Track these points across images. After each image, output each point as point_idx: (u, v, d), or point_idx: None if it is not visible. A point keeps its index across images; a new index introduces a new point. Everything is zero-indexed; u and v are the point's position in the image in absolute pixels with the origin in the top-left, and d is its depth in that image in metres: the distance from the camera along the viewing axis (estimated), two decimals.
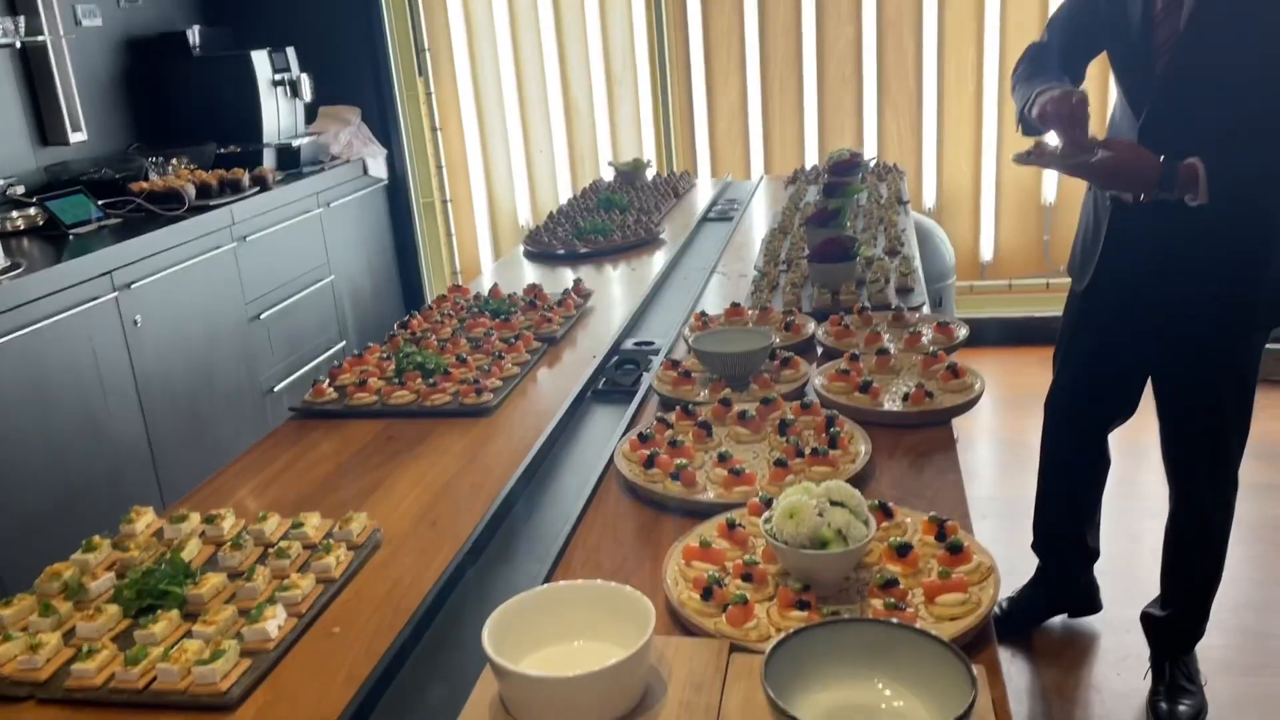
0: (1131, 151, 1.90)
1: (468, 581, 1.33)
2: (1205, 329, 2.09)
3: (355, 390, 1.88)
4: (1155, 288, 2.11)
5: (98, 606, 1.21)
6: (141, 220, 3.50)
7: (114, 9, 4.11)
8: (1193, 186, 1.86)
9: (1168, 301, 2.11)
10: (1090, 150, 1.88)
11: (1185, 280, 2.06)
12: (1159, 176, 1.88)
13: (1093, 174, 1.95)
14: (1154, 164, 1.88)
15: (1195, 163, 1.85)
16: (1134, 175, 1.91)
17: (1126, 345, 2.25)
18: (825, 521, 1.18)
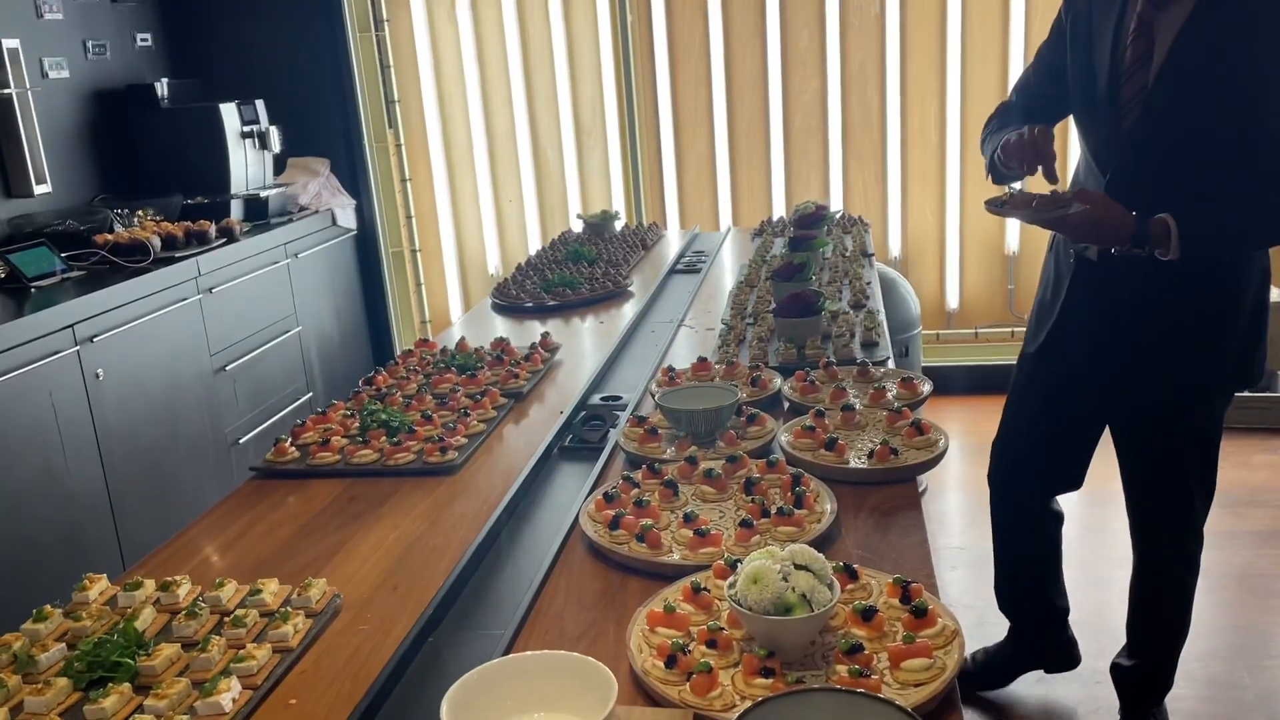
0: (1104, 205, 1.88)
1: (429, 649, 1.31)
2: (1169, 391, 2.04)
3: (318, 449, 1.86)
4: (1116, 349, 2.06)
5: (47, 680, 1.18)
6: (106, 272, 3.46)
7: (81, 61, 4.10)
8: (1164, 242, 1.84)
9: (1129, 363, 2.06)
10: (1064, 203, 1.86)
11: (1149, 341, 2.02)
12: (1131, 231, 1.86)
13: (1065, 227, 1.91)
14: (1126, 218, 1.86)
15: (1166, 218, 1.83)
16: (1107, 229, 1.88)
17: (1078, 411, 2.21)
18: (789, 586, 1.17)
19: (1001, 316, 4.77)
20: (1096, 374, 2.13)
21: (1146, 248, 1.86)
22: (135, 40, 4.43)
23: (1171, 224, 1.82)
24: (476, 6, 4.86)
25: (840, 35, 4.64)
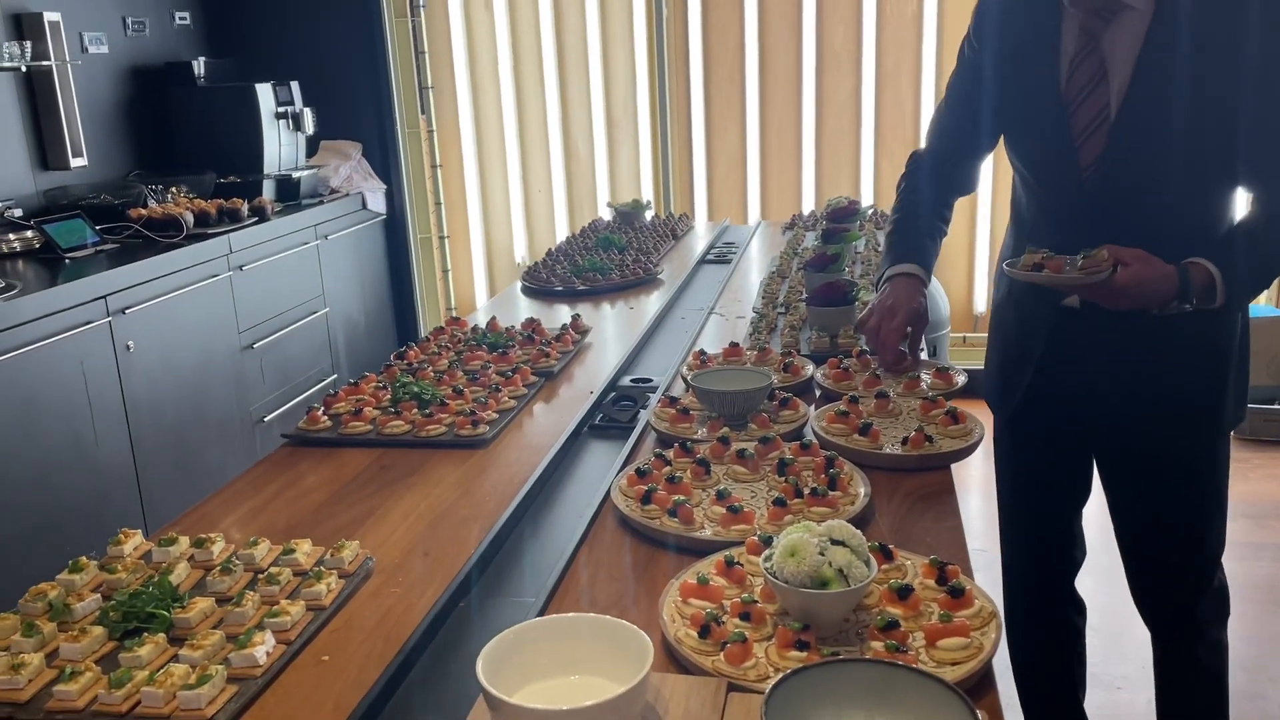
0: (1146, 263, 1.58)
1: (460, 613, 1.31)
2: (1166, 439, 1.79)
3: (350, 419, 1.86)
4: (1104, 401, 1.80)
5: (82, 628, 1.19)
6: (139, 246, 3.49)
7: (121, 37, 4.13)
8: (1210, 292, 1.60)
9: (1119, 417, 1.81)
10: (1100, 265, 1.60)
11: (1141, 390, 1.76)
12: (1177, 286, 1.59)
13: (1107, 293, 1.61)
14: (1170, 273, 1.58)
15: (1206, 265, 1.59)
16: (1152, 288, 1.59)
17: (1067, 478, 1.98)
18: (826, 560, 1.17)
19: None
20: (1085, 431, 1.89)
21: (1193, 302, 1.61)
22: (174, 19, 4.46)
23: (1214, 271, 1.59)
24: None
25: (876, 33, 4.62)
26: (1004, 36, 1.79)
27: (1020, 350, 1.88)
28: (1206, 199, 1.69)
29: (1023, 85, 1.75)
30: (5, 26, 3.59)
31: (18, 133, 3.67)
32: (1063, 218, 1.74)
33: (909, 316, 1.84)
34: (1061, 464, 1.96)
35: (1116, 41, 1.63)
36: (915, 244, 1.95)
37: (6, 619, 1.21)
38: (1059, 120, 1.69)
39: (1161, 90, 1.61)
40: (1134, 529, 1.91)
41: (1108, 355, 1.76)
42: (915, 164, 2.04)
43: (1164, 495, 1.84)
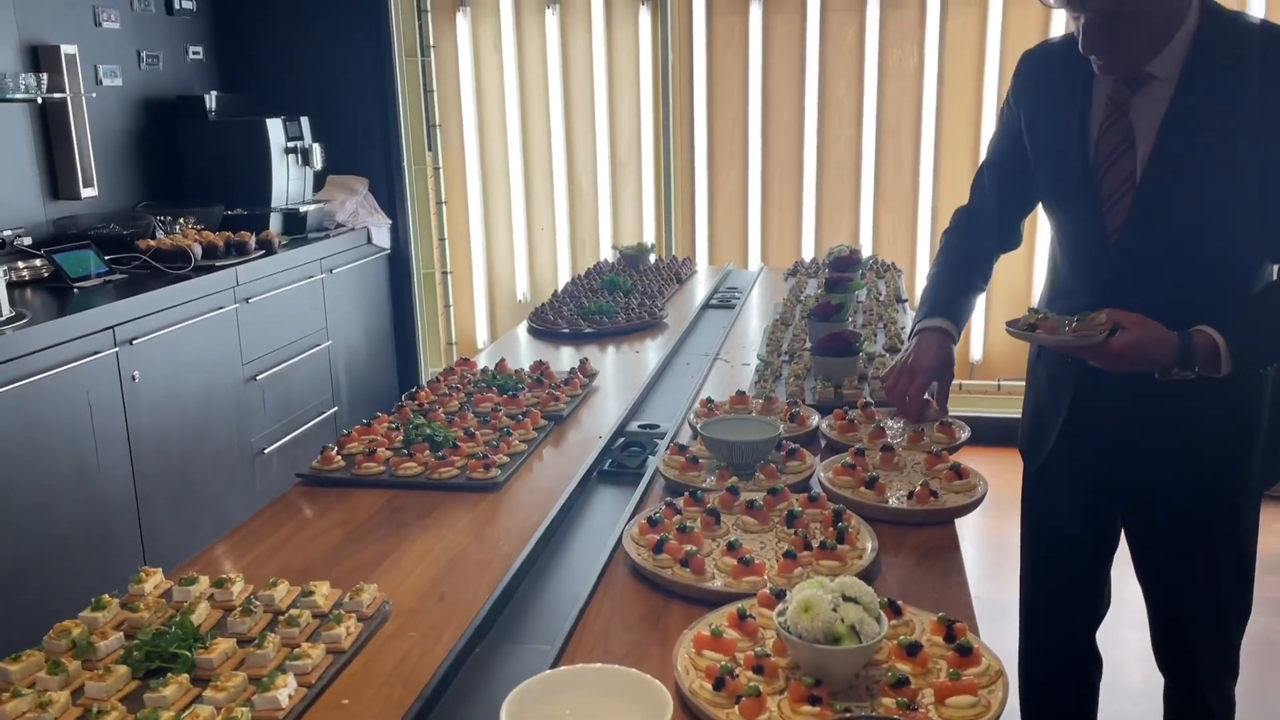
0: (1144, 327, 1.63)
1: (476, 658, 1.33)
2: (1192, 503, 1.80)
3: (363, 459, 1.89)
4: (1130, 461, 1.83)
5: (107, 666, 1.21)
6: (147, 277, 3.52)
7: (135, 70, 4.19)
8: (1213, 359, 1.62)
9: (1145, 477, 1.82)
10: (1098, 328, 1.64)
11: (1167, 451, 1.78)
12: (1177, 353, 1.62)
13: (1105, 356, 1.66)
14: (1169, 339, 1.62)
15: (1211, 333, 1.61)
16: (1151, 353, 1.63)
17: (1093, 533, 1.99)
18: (839, 617, 1.19)
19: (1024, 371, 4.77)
20: (1110, 488, 1.90)
21: (1196, 370, 1.63)
22: (188, 53, 4.52)
23: (1219, 339, 1.61)
24: (521, 37, 4.95)
25: (878, 85, 4.71)
26: (1040, 99, 1.84)
27: (1050, 403, 1.92)
28: (1232, 267, 1.72)
29: (1056, 148, 1.80)
30: (22, 58, 3.64)
31: (30, 162, 3.71)
32: (1093, 277, 1.78)
33: (929, 376, 1.92)
34: (1088, 519, 1.97)
35: (1143, 110, 1.68)
36: (948, 298, 2.01)
37: (32, 655, 1.23)
38: (1089, 183, 1.74)
39: (1184, 159, 1.65)
40: (1156, 585, 1.93)
41: (1134, 413, 1.78)
42: (958, 220, 2.10)
43: (1187, 555, 1.85)
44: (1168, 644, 1.96)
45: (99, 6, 3.97)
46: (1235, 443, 1.78)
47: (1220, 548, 1.84)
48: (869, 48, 4.67)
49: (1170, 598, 1.92)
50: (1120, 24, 1.60)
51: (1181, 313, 1.65)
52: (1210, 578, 1.85)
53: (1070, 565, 2.05)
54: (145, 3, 4.22)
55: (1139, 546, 1.94)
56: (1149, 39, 1.64)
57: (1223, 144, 1.63)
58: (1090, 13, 1.61)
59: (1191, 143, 1.65)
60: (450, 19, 4.97)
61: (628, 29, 4.86)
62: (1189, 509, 1.82)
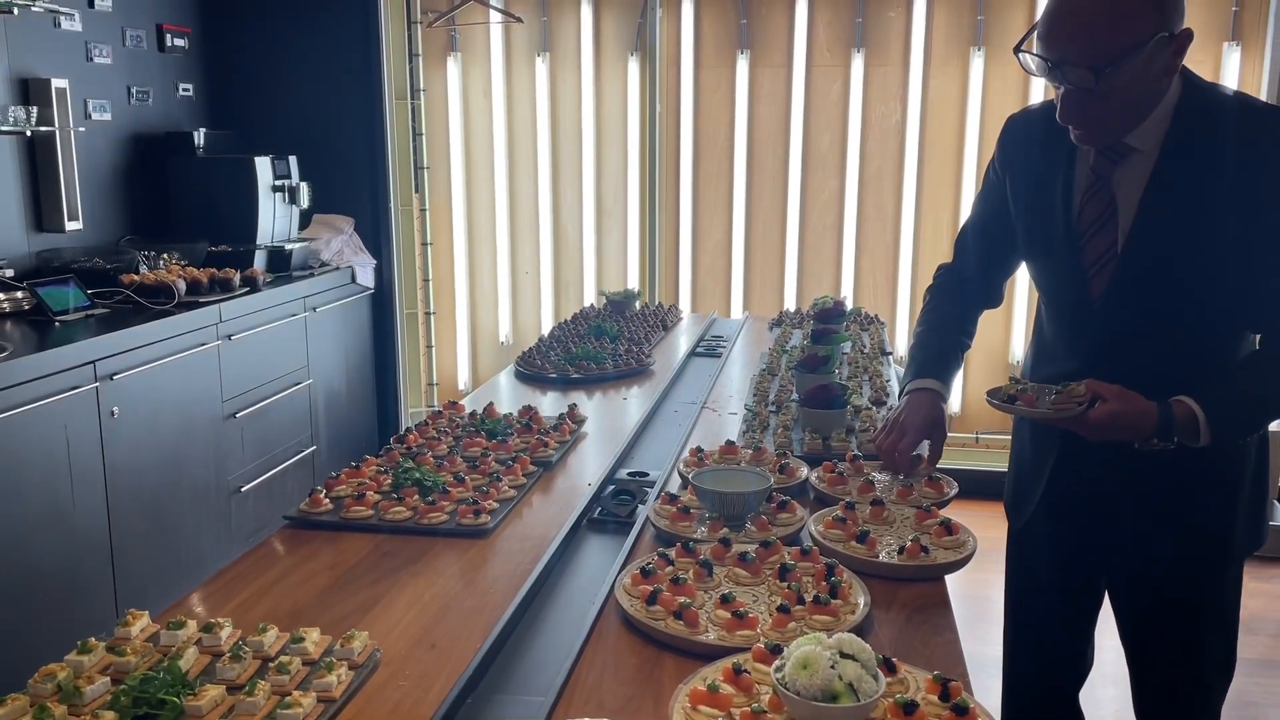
0: (1122, 398, 1.64)
1: (468, 709, 1.32)
2: (1175, 566, 1.81)
3: (352, 503, 1.87)
4: (1113, 524, 1.84)
5: (94, 712, 1.19)
6: (129, 312, 3.50)
7: (124, 105, 4.19)
8: (1193, 430, 1.63)
9: (1128, 539, 1.83)
10: (1078, 399, 1.67)
11: (1150, 514, 1.79)
12: (1155, 423, 1.63)
13: (1084, 426, 1.67)
14: (1149, 410, 1.63)
15: (1190, 404, 1.63)
16: (1129, 423, 1.65)
17: (1076, 593, 2.00)
18: (837, 674, 1.19)
19: (1003, 424, 4.82)
20: (1093, 549, 1.91)
21: (1175, 440, 1.64)
22: (178, 89, 4.53)
23: (1198, 410, 1.63)
24: (510, 83, 5.00)
25: (861, 140, 4.79)
26: (1024, 164, 1.86)
27: (1033, 464, 1.93)
28: (1214, 336, 1.73)
29: (1040, 215, 1.81)
30: (12, 90, 3.64)
31: (15, 194, 3.69)
32: (1077, 341, 1.80)
33: (919, 434, 1.93)
34: (1070, 579, 1.98)
35: (1124, 181, 1.70)
36: (936, 358, 2.03)
37: (17, 700, 1.21)
38: (1072, 251, 1.76)
39: (1164, 231, 1.67)
40: (1138, 646, 1.93)
41: (1116, 476, 1.79)
42: (941, 278, 2.12)
43: (1170, 617, 1.85)
44: (1149, 704, 1.96)
45: (91, 41, 3.98)
46: (1218, 507, 1.79)
47: (1204, 611, 1.84)
48: (853, 103, 4.75)
49: (1153, 659, 1.92)
50: (1098, 99, 1.61)
51: (1165, 379, 1.68)
52: (1193, 640, 1.85)
53: (1053, 625, 2.05)
54: (137, 39, 4.23)
55: (1122, 607, 1.94)
56: (1127, 113, 1.65)
57: (1203, 216, 1.65)
58: (1069, 85, 1.62)
59: (1172, 215, 1.67)
60: (441, 63, 5.02)
61: (616, 78, 4.92)
62: (1172, 572, 1.82)
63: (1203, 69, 4.36)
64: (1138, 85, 1.62)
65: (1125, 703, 2.02)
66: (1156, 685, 1.93)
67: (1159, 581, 1.84)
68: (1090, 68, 1.56)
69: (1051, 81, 1.66)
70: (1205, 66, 4.39)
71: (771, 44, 4.78)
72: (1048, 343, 1.91)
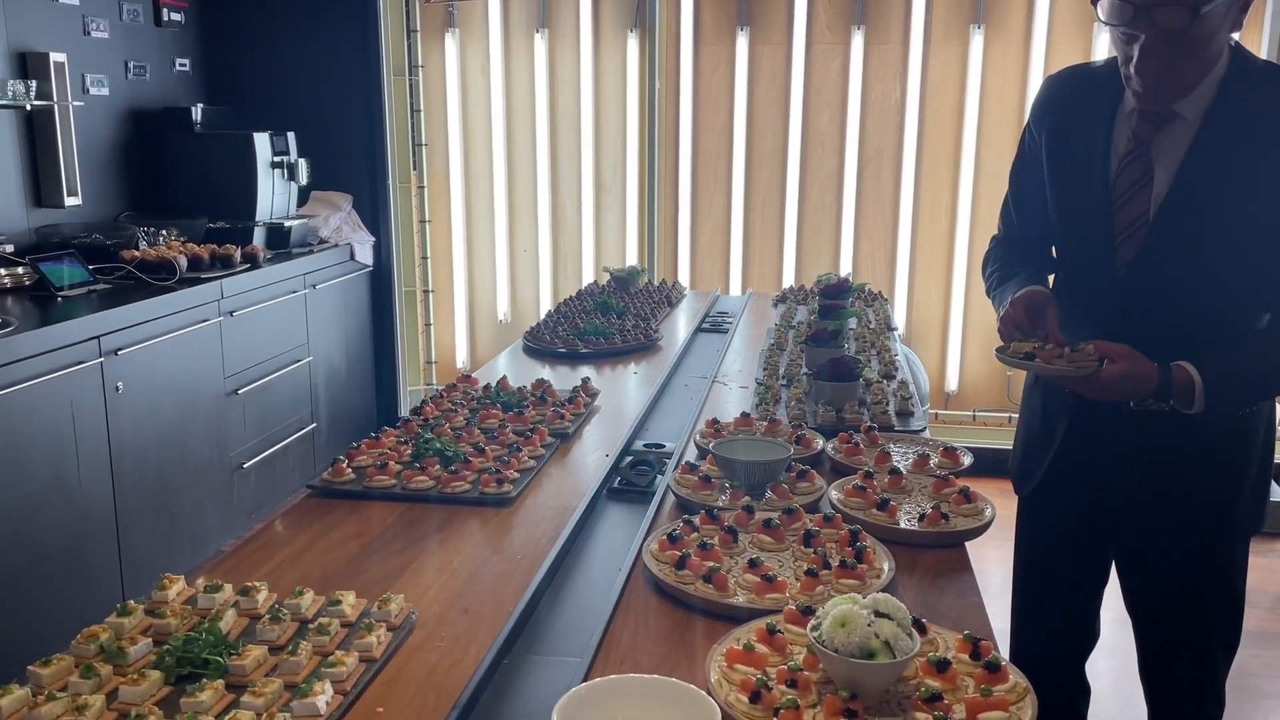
0: (1131, 359, 1.64)
1: (505, 670, 1.34)
2: (1183, 538, 1.81)
3: (375, 472, 1.88)
4: (1121, 495, 1.84)
5: (140, 671, 1.20)
6: (131, 288, 3.49)
7: (121, 80, 4.16)
8: (1189, 395, 1.63)
9: (1136, 510, 1.84)
10: (1094, 362, 1.65)
11: (1159, 486, 1.80)
12: (1155, 384, 1.64)
13: (1094, 386, 1.67)
14: (1152, 371, 1.64)
15: (1189, 370, 1.63)
16: (1135, 384, 1.65)
17: (1083, 557, 2.00)
18: (874, 632, 1.21)
19: (999, 401, 4.86)
20: (1102, 520, 1.91)
21: (1170, 402, 1.66)
22: (175, 64, 4.50)
23: (1196, 377, 1.62)
24: (509, 59, 4.98)
25: (860, 118, 4.79)
26: (1063, 123, 1.83)
27: (1043, 432, 1.92)
28: (1233, 311, 1.73)
29: (1075, 176, 1.79)
30: (11, 65, 3.61)
31: (15, 169, 3.67)
32: (1094, 312, 1.79)
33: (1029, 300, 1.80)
34: (1078, 550, 1.98)
35: (1164, 148, 1.69)
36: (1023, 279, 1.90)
37: (62, 660, 1.22)
38: (1104, 217, 1.75)
39: (1199, 200, 1.67)
40: (1144, 619, 1.94)
41: (1127, 445, 1.79)
42: (995, 249, 2.05)
43: (1176, 589, 1.86)
44: (1154, 674, 1.98)
45: (88, 16, 3.94)
46: (1222, 482, 1.80)
47: (1211, 588, 1.85)
48: (852, 81, 4.76)
49: (1160, 634, 1.93)
50: (1179, 48, 1.59)
51: (1179, 352, 1.68)
52: (1199, 617, 1.86)
53: (1060, 596, 2.06)
54: (134, 13, 4.20)
55: (1129, 578, 1.96)
56: (1197, 69, 1.64)
57: (1240, 189, 1.65)
58: (1155, 30, 1.58)
59: (1209, 185, 1.66)
60: (439, 39, 5.00)
61: (616, 55, 4.91)
62: (1180, 544, 1.83)
63: None
64: (1215, 37, 1.60)
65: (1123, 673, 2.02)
66: (1162, 656, 1.94)
67: (1167, 554, 1.85)
68: (1190, 6, 1.54)
69: (1132, 29, 1.61)
70: None
71: (771, 21, 4.78)
72: (1062, 314, 1.83)
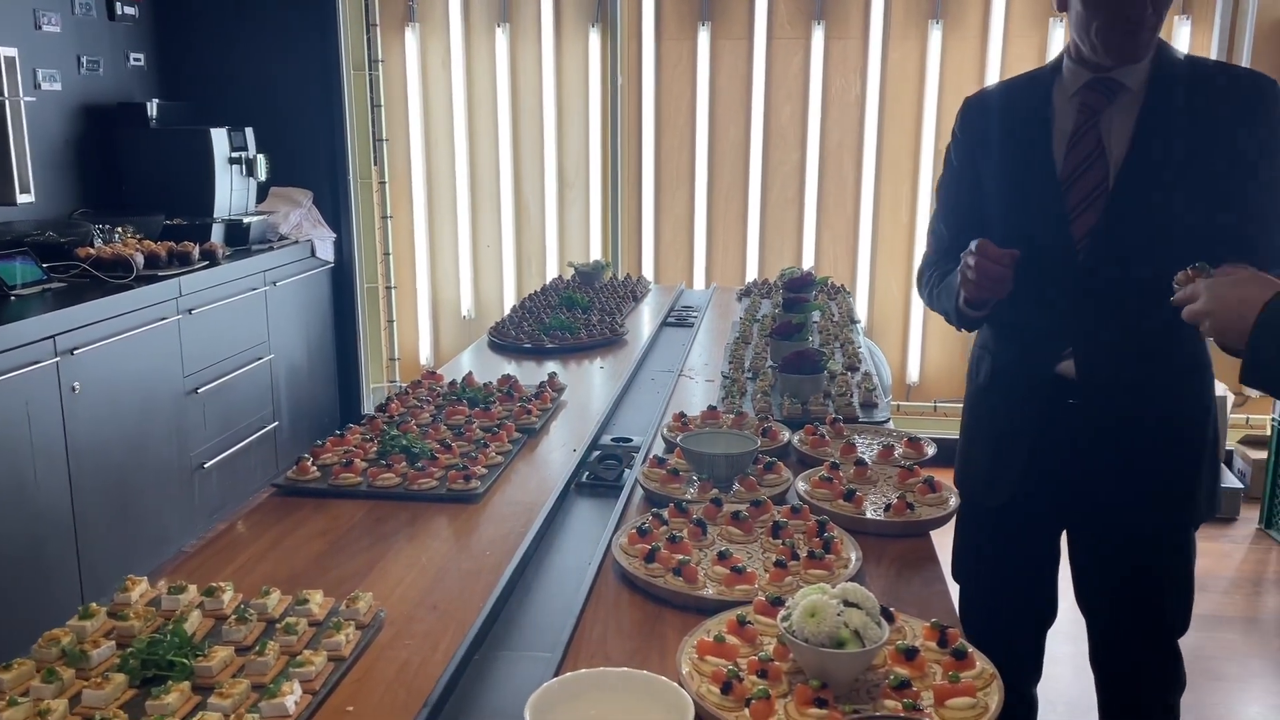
0: None
1: (475, 666, 1.33)
2: (1136, 521, 1.88)
3: (340, 470, 1.87)
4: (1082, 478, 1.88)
5: (104, 674, 1.18)
6: (86, 286, 3.43)
7: (74, 75, 4.09)
8: None
9: (1095, 493, 1.88)
10: None
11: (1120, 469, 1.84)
12: None
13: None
14: None
15: None
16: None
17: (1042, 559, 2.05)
18: (843, 622, 1.22)
19: (959, 392, 4.89)
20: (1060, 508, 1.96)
21: None
22: (129, 59, 4.43)
23: None
24: (470, 54, 4.95)
25: (822, 112, 4.82)
26: (997, 133, 1.91)
27: (1013, 434, 1.92)
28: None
29: (1022, 167, 1.86)
30: None
31: None
32: (1051, 287, 1.82)
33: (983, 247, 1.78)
34: (1030, 530, 2.00)
35: (1114, 120, 1.78)
36: None
37: (23, 664, 1.20)
38: (1054, 195, 1.80)
39: (1155, 166, 1.75)
40: (1096, 602, 1.99)
41: (1092, 428, 1.84)
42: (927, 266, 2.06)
43: (1132, 575, 1.91)
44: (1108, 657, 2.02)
45: (39, 9, 3.87)
46: (1181, 468, 1.86)
47: (1165, 573, 1.92)
48: (813, 75, 4.78)
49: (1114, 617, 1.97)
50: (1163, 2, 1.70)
51: (1142, 320, 1.76)
52: (1158, 597, 1.92)
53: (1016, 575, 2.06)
54: (86, 7, 4.12)
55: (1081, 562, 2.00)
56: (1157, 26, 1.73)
57: (1188, 149, 1.74)
58: None
59: (1163, 150, 1.75)
60: (399, 33, 4.96)
61: (577, 49, 4.89)
62: (1141, 529, 1.88)
63: None
64: None
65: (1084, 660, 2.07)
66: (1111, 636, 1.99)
67: (1120, 539, 1.90)
68: None
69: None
70: None
71: (732, 16, 4.78)
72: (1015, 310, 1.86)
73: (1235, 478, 4.39)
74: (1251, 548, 4.01)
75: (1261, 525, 4.14)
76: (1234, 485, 4.26)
